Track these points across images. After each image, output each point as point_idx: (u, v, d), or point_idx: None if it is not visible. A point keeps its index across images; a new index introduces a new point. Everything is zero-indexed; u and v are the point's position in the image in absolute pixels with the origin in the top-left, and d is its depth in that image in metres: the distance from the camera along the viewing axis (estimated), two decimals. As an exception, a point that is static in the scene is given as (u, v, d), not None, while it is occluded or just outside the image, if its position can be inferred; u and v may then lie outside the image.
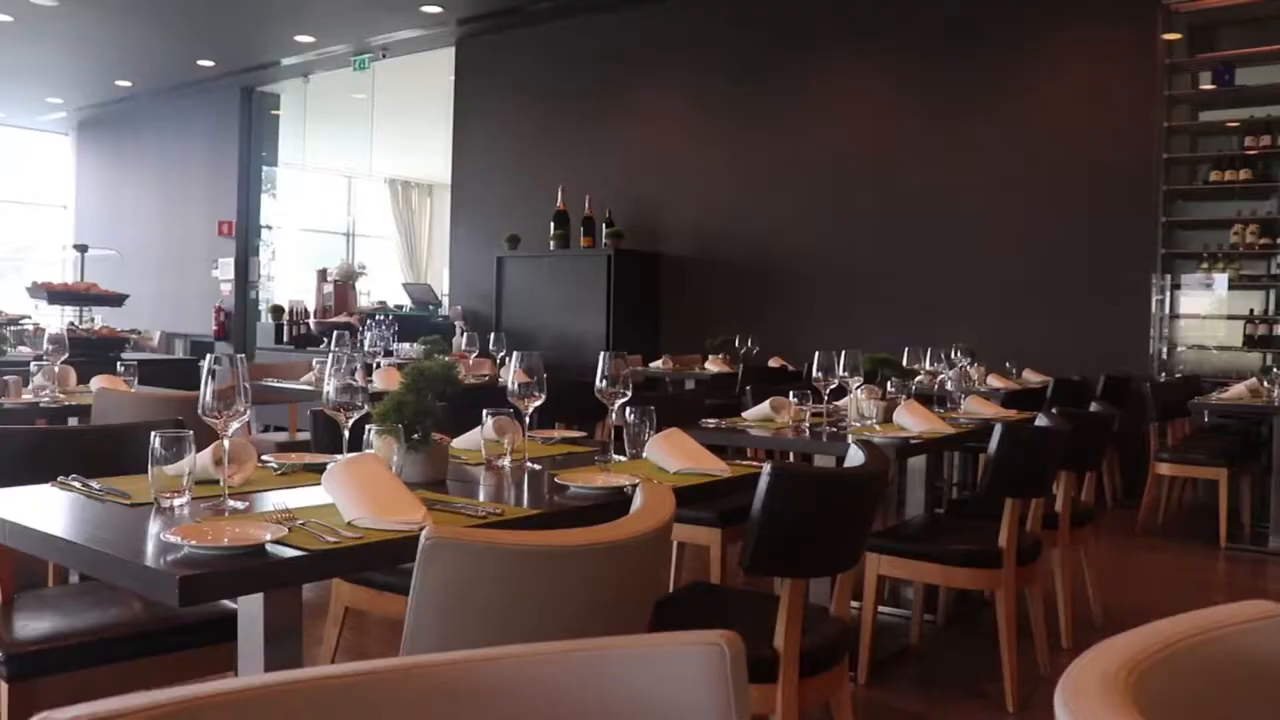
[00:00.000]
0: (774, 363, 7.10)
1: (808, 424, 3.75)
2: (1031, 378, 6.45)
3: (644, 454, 2.63)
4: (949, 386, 4.46)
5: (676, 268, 8.56)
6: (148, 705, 0.85)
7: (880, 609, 3.61)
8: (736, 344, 7.05)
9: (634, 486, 2.17)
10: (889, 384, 4.08)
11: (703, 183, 8.47)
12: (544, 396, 2.53)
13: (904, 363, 4.39)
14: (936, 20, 7.52)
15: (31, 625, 2.37)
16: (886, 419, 3.79)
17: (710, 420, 3.80)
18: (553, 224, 8.61)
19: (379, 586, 2.83)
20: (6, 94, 13.42)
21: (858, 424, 3.70)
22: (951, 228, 7.40)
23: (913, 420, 3.71)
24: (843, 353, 3.70)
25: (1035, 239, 7.20)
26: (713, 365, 6.92)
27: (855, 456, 2.54)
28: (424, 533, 1.49)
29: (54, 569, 3.88)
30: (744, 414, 3.96)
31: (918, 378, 4.48)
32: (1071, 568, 4.01)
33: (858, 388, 3.78)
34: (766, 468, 2.25)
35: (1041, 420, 3.64)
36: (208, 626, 2.40)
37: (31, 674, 2.21)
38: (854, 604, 3.22)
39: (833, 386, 3.69)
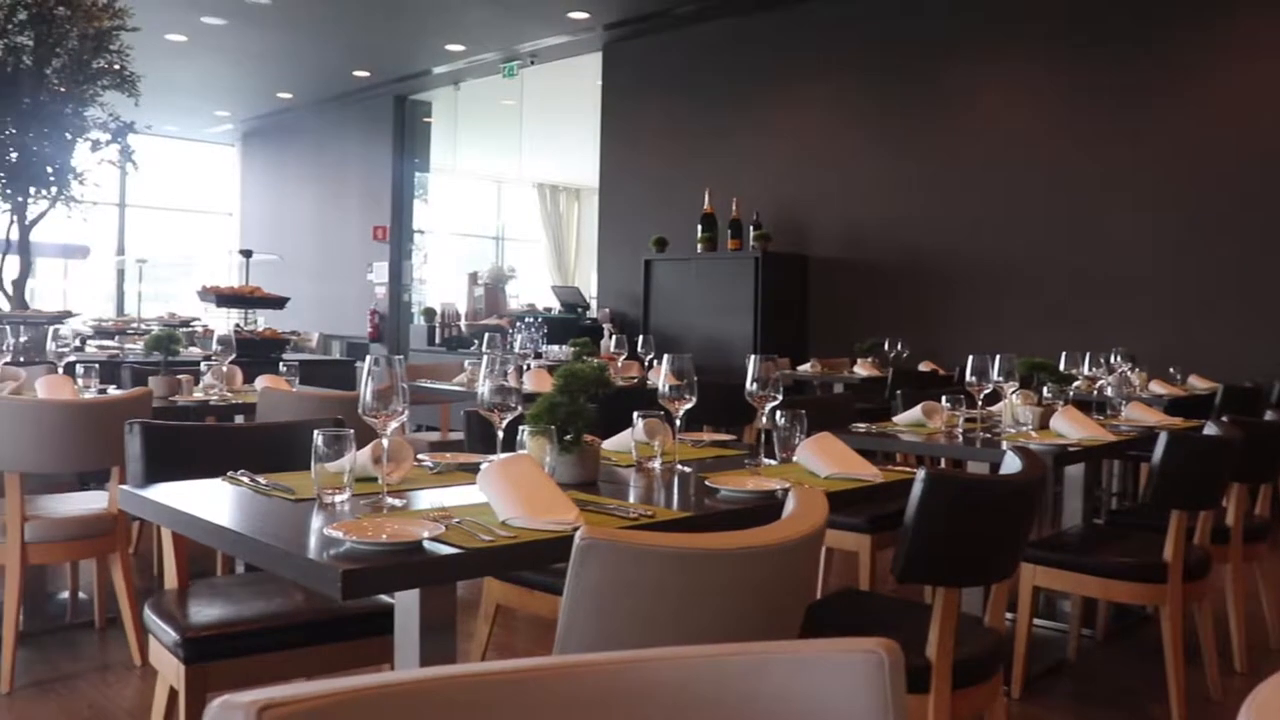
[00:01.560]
0: (924, 367, 6.96)
1: (960, 429, 3.66)
2: (1198, 384, 6.16)
3: (794, 458, 2.61)
4: (1109, 392, 4.30)
5: (824, 270, 8.47)
6: (318, 694, 0.87)
7: (1036, 621, 3.50)
8: (886, 347, 6.94)
9: (785, 491, 2.15)
10: (1045, 389, 3.96)
11: (851, 183, 8.36)
12: (695, 399, 2.53)
13: (1060, 367, 4.26)
14: (1102, 8, 7.25)
15: (205, 612, 2.48)
16: (1043, 425, 3.68)
17: (860, 425, 3.75)
18: (700, 227, 8.61)
19: (529, 585, 2.87)
20: (180, 108, 14.10)
21: (1012, 430, 3.60)
22: (1112, 227, 7.14)
23: (1071, 427, 3.60)
24: (997, 357, 3.60)
25: (1204, 239, 6.89)
26: (862, 369, 6.82)
27: (1011, 463, 2.47)
28: (578, 533, 1.50)
29: (222, 559, 4.07)
30: (895, 419, 3.89)
31: (1075, 383, 4.34)
32: (1245, 586, 3.82)
33: (1013, 393, 3.68)
34: (920, 474, 2.20)
35: (1211, 428, 3.47)
36: (365, 619, 2.47)
37: (205, 657, 2.31)
38: (1008, 615, 3.13)
39: (986, 391, 3.60)
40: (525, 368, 5.30)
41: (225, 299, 7.12)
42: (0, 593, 3.68)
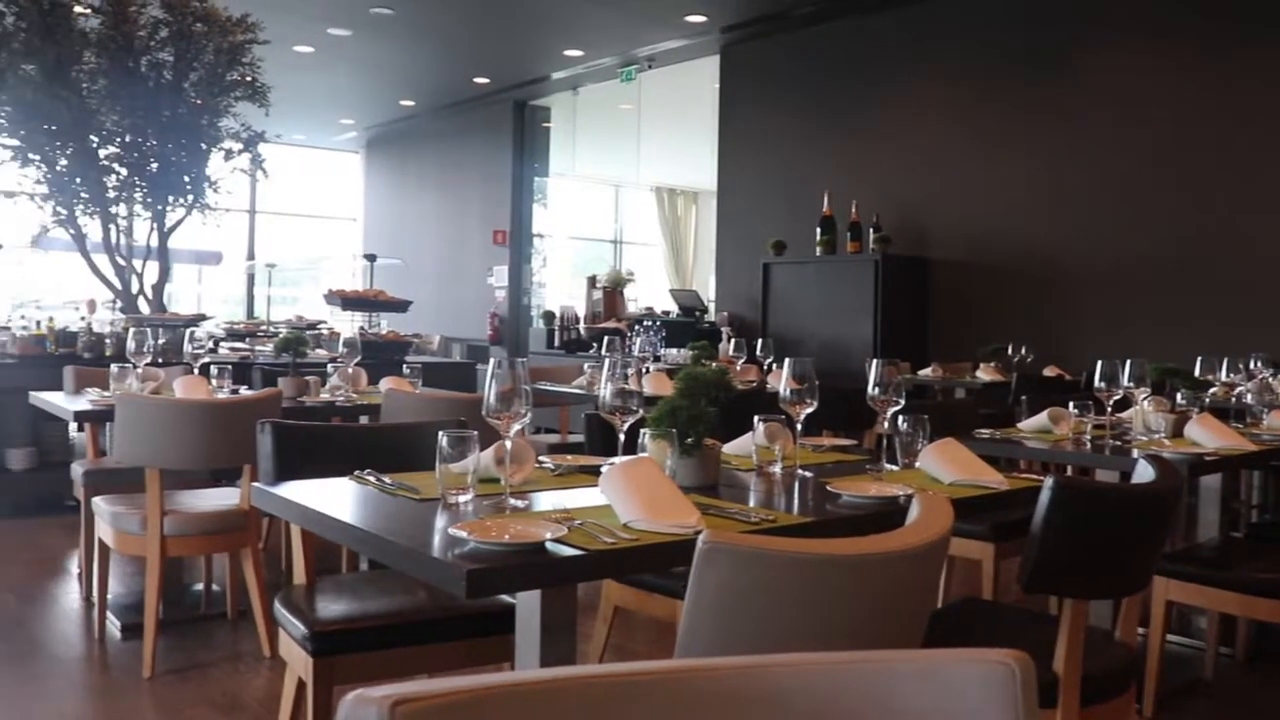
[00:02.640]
0: (1049, 371, 6.78)
1: (1088, 437, 3.56)
2: (1344, 391, 5.88)
3: (917, 464, 2.57)
4: (1248, 399, 4.14)
5: (946, 272, 8.32)
6: (449, 690, 0.88)
7: (1169, 638, 3.38)
8: (1009, 351, 6.78)
9: (908, 497, 2.12)
10: (1178, 395, 3.83)
11: (973, 184, 8.20)
12: (816, 403, 2.51)
13: (1195, 373, 4.11)
14: (1234, 1, 6.98)
15: (331, 607, 2.54)
16: (1176, 433, 3.56)
17: (984, 430, 3.67)
18: (819, 229, 8.54)
19: (648, 588, 2.88)
20: (306, 117, 14.50)
21: (1144, 438, 3.48)
22: (1249, 227, 6.87)
23: (1207, 435, 3.47)
24: (1127, 362, 3.49)
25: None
26: (984, 373, 6.68)
27: (1144, 472, 2.39)
28: (701, 537, 1.49)
29: (347, 556, 4.16)
30: (1019, 424, 3.80)
31: (1211, 389, 4.18)
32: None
33: (1144, 399, 3.56)
34: (1048, 481, 2.15)
35: (1359, 438, 3.31)
36: (486, 618, 2.51)
37: (331, 651, 2.37)
38: (1140, 631, 3.03)
39: (1116, 397, 3.49)
40: (644, 371, 5.32)
41: (350, 302, 7.31)
42: (142, 583, 3.84)
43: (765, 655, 1.04)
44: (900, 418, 2.63)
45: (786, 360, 2.58)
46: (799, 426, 2.56)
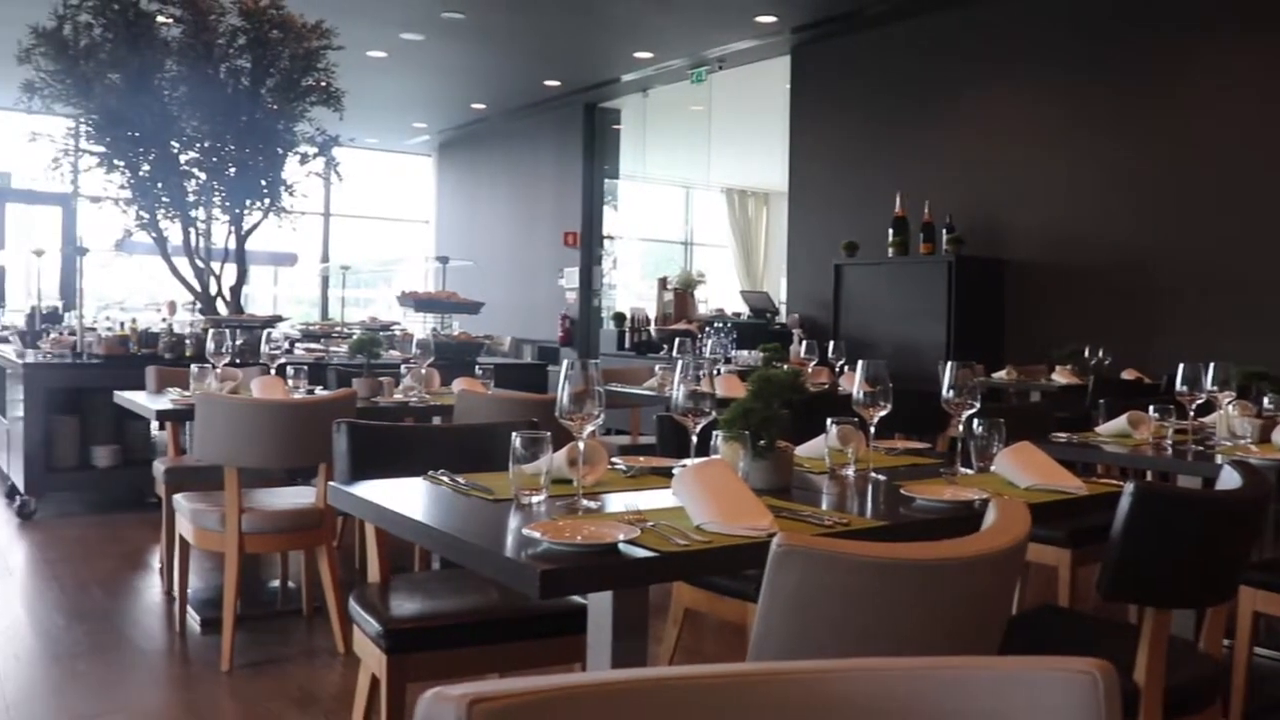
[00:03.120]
0: (1128, 375, 6.65)
1: (1169, 441, 3.49)
2: None
3: (992, 468, 2.53)
4: (1338, 404, 4.01)
5: (1021, 274, 8.20)
6: (526, 690, 0.89)
7: (1257, 651, 3.29)
8: (1086, 354, 6.65)
9: (984, 501, 2.09)
10: (1265, 400, 3.73)
11: (1049, 184, 8.07)
12: (890, 406, 2.48)
13: (1283, 377, 4.00)
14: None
15: (405, 605, 2.57)
16: (1263, 439, 3.47)
17: (1060, 434, 3.61)
18: (891, 230, 8.46)
19: (719, 590, 2.87)
20: (380, 121, 14.68)
21: (1229, 443, 3.40)
22: (1338, 228, 6.68)
23: (1295, 440, 3.38)
24: (1211, 365, 3.41)
25: None
26: (1060, 376, 6.57)
27: (1229, 478, 2.33)
28: (775, 540, 1.49)
29: (420, 554, 4.21)
30: (1097, 428, 3.73)
31: (1299, 393, 4.06)
32: None
33: (1229, 403, 3.48)
34: (1129, 487, 2.10)
35: None
36: (556, 618, 2.52)
37: (405, 649, 2.40)
38: (1225, 642, 2.96)
39: (1199, 402, 3.41)
40: (715, 373, 5.30)
41: (423, 304, 7.38)
42: (221, 578, 3.91)
43: (840, 660, 1.03)
44: (975, 421, 2.60)
45: (859, 362, 2.55)
46: (872, 429, 2.53)
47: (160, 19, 7.26)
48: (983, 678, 1.02)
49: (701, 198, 17.18)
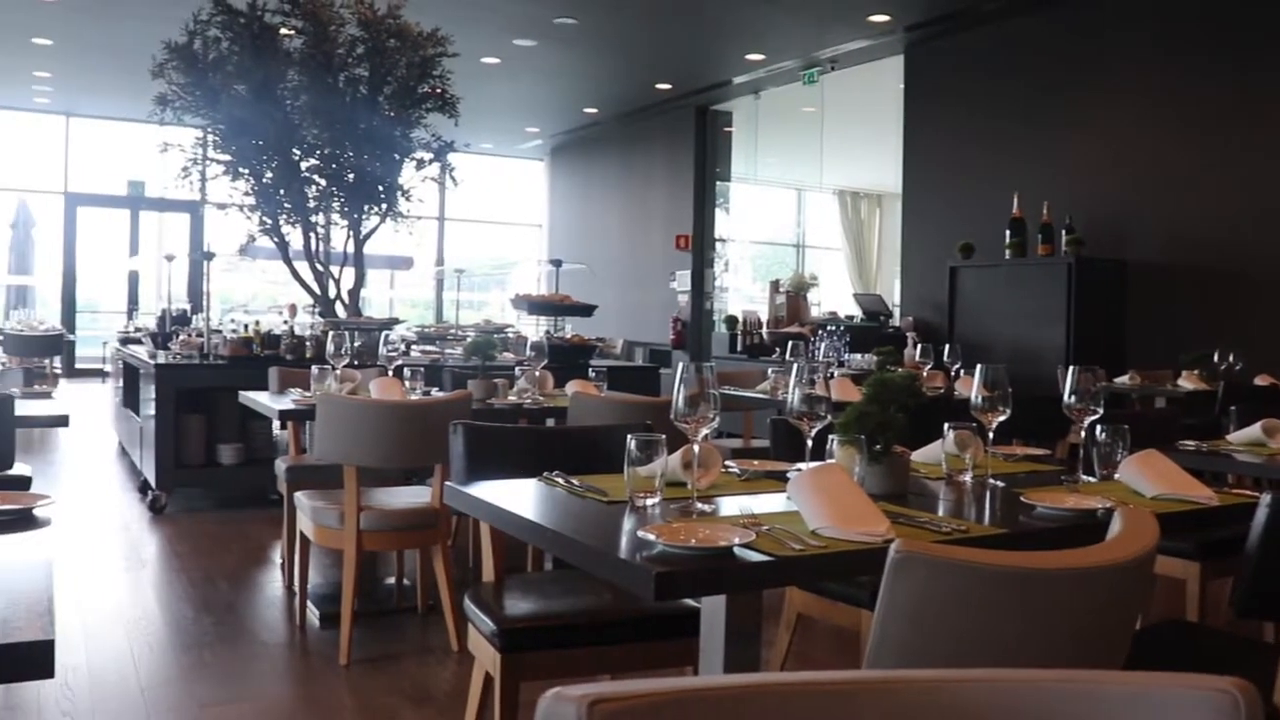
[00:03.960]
0: (1261, 380, 6.39)
1: (1308, 451, 3.35)
2: None
3: (1116, 476, 2.46)
4: None
5: (1144, 276, 7.95)
6: (645, 692, 0.89)
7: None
8: (1215, 359, 6.42)
9: (1108, 510, 2.03)
10: None
11: (1174, 184, 7.81)
12: (1009, 411, 2.43)
13: None
14: None
15: (519, 605, 2.60)
16: None
17: (1188, 442, 3.49)
18: (1008, 232, 8.28)
19: (832, 596, 2.85)
20: (493, 126, 14.90)
21: (1371, 453, 3.25)
22: None
23: None
24: (1352, 371, 3.26)
25: None
26: (1187, 382, 6.35)
27: (1373, 490, 2.22)
28: (893, 546, 1.46)
29: (532, 555, 4.24)
30: (1229, 436, 3.60)
31: None
32: None
33: (1371, 411, 3.33)
34: (1265, 498, 2.02)
35: None
36: (668, 621, 2.52)
37: (519, 648, 2.43)
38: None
39: (1339, 409, 3.27)
40: (829, 376, 5.25)
41: (537, 306, 7.46)
42: (339, 574, 4.00)
43: (960, 669, 1.01)
44: (1098, 427, 2.52)
45: (978, 366, 2.50)
46: (991, 435, 2.48)
47: (283, 31, 7.47)
48: (1113, 693, 0.99)
49: (813, 200, 17.06)
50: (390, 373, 4.63)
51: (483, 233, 18.36)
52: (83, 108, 14.96)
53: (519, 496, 2.23)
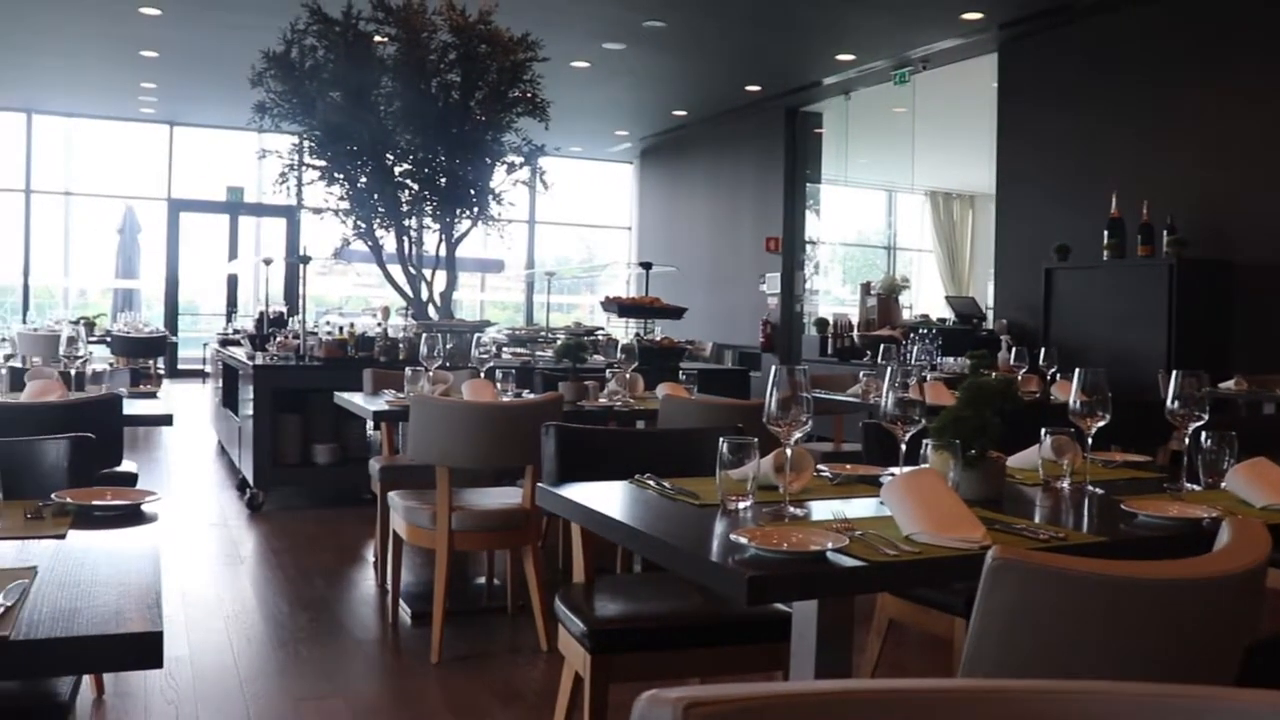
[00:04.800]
0: (1374, 386, 6.17)
1: None
2: None
3: (1223, 484, 2.39)
4: None
5: (1252, 277, 7.71)
6: (741, 696, 0.89)
7: None
8: (1327, 363, 6.21)
9: (1215, 520, 1.98)
10: None
11: (1283, 183, 7.56)
12: (1109, 417, 2.38)
13: None
14: None
15: (609, 606, 2.61)
16: None
17: (1298, 449, 3.37)
18: (1106, 233, 8.09)
19: (924, 602, 2.81)
20: (583, 130, 14.99)
21: None
22: None
23: None
24: None
25: None
26: (1295, 387, 6.14)
27: None
28: (990, 553, 1.44)
29: (621, 556, 4.26)
30: (1341, 444, 3.47)
31: None
32: None
33: None
34: (1383, 508, 1.95)
35: None
36: (757, 625, 2.51)
37: (609, 649, 2.44)
38: None
39: None
40: (922, 380, 5.18)
41: (627, 309, 7.48)
42: (430, 573, 4.06)
43: (1058, 681, 0.99)
44: (1203, 434, 2.46)
45: (1076, 370, 2.45)
46: (1089, 440, 2.43)
47: (377, 39, 7.61)
48: (1225, 709, 0.96)
49: (905, 201, 16.88)
50: (482, 375, 4.67)
51: (572, 235, 18.49)
52: (185, 117, 15.41)
53: (610, 498, 2.24)
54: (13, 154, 15.45)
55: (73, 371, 4.19)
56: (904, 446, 2.18)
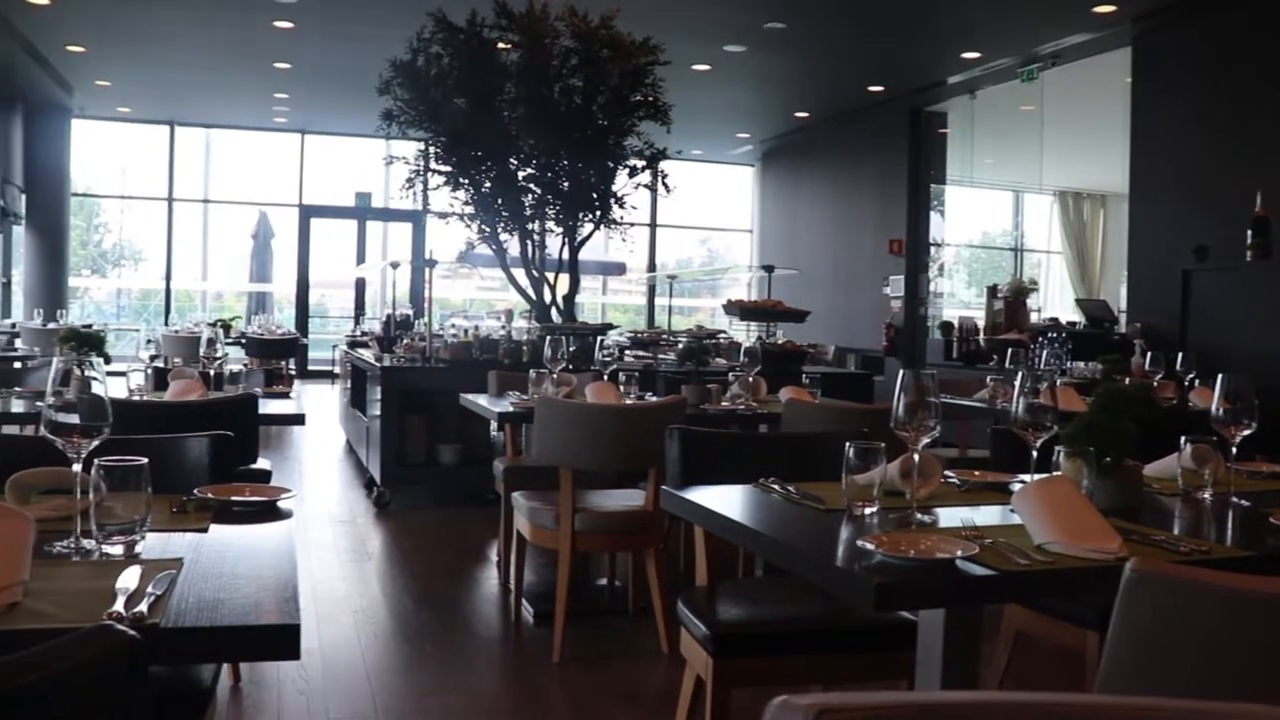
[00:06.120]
0: None
1: None
2: None
3: (1380, 497, 2.28)
4: None
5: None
6: (873, 704, 0.88)
7: None
8: None
9: (1371, 534, 1.88)
10: None
11: None
12: (1254, 425, 2.28)
13: None
14: None
15: (732, 610, 2.60)
16: None
17: None
18: (1250, 232, 7.77)
19: (1054, 614, 2.74)
20: (704, 133, 14.99)
21: None
22: None
23: None
24: None
25: None
26: None
27: None
28: (1128, 565, 1.40)
29: (743, 560, 4.24)
30: None
31: None
32: None
33: None
34: None
35: None
36: (883, 632, 2.48)
37: (732, 653, 2.43)
38: None
39: None
40: (1053, 385, 5.05)
41: (749, 312, 7.46)
42: (553, 574, 4.10)
43: (1202, 700, 0.96)
44: (1358, 443, 2.34)
45: (1219, 376, 2.36)
46: (1233, 450, 2.34)
47: (500, 45, 7.72)
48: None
49: (1032, 201, 16.49)
50: (605, 377, 4.71)
51: (693, 238, 18.51)
52: (316, 125, 15.89)
53: (734, 502, 2.23)
54: (157, 164, 16.14)
55: (212, 372, 4.35)
56: (1035, 453, 2.13)
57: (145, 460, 1.69)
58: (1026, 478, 2.06)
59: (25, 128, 14.36)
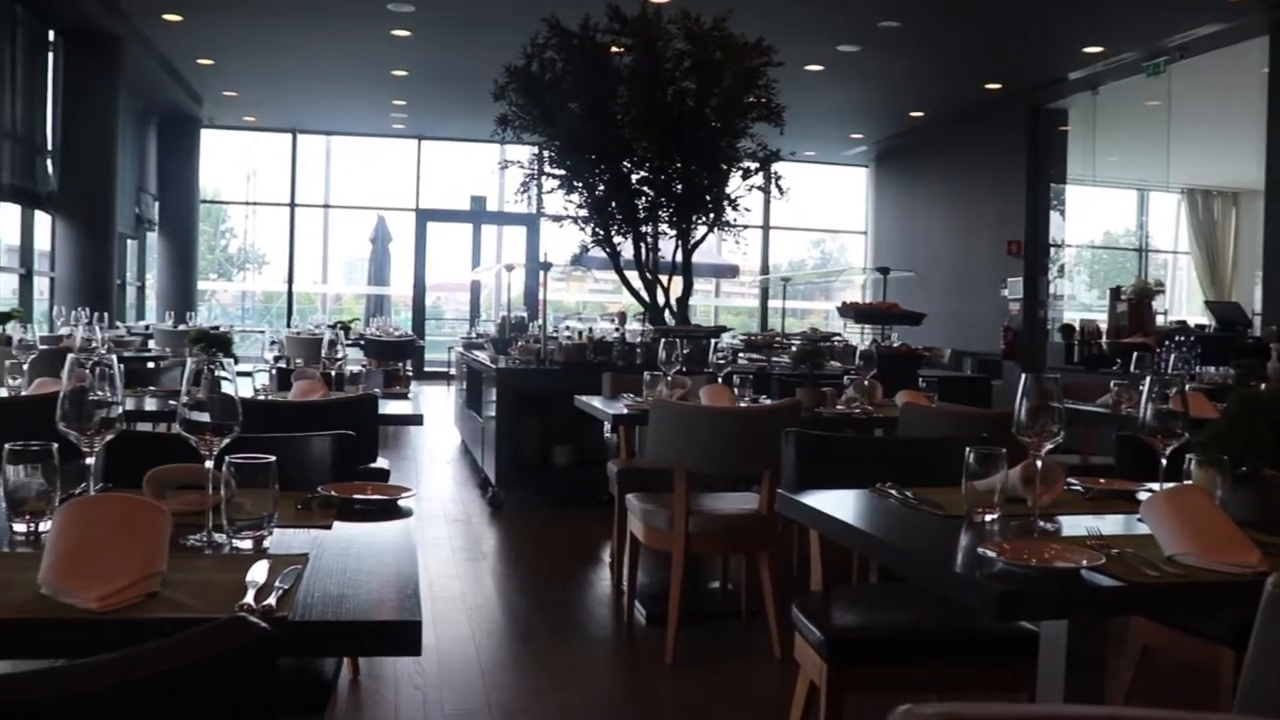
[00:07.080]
0: None
1: None
2: None
3: None
4: None
5: None
6: (1000, 714, 0.86)
7: None
8: None
9: None
10: None
11: None
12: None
13: None
14: None
15: (847, 615, 2.58)
16: None
17: None
18: (1392, 230, 7.43)
19: (1184, 628, 2.64)
20: (817, 134, 14.87)
21: None
22: None
23: None
24: None
25: None
26: None
27: None
28: (1270, 580, 1.34)
29: (857, 565, 4.20)
30: None
31: None
32: None
33: None
34: None
35: None
36: (1004, 642, 2.43)
37: (846, 659, 2.40)
38: None
39: None
40: (1182, 390, 4.89)
41: (864, 315, 7.38)
42: (665, 576, 4.11)
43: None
44: None
45: (1364, 382, 2.25)
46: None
47: (613, 49, 7.76)
48: None
49: (1158, 200, 15.98)
50: (719, 379, 4.70)
51: (806, 240, 18.38)
52: (432, 130, 16.21)
53: (851, 506, 2.21)
54: (280, 171, 16.65)
55: (333, 373, 4.46)
56: (1164, 461, 2.06)
57: (273, 458, 1.74)
58: (1155, 486, 2.00)
59: (159, 139, 14.98)
